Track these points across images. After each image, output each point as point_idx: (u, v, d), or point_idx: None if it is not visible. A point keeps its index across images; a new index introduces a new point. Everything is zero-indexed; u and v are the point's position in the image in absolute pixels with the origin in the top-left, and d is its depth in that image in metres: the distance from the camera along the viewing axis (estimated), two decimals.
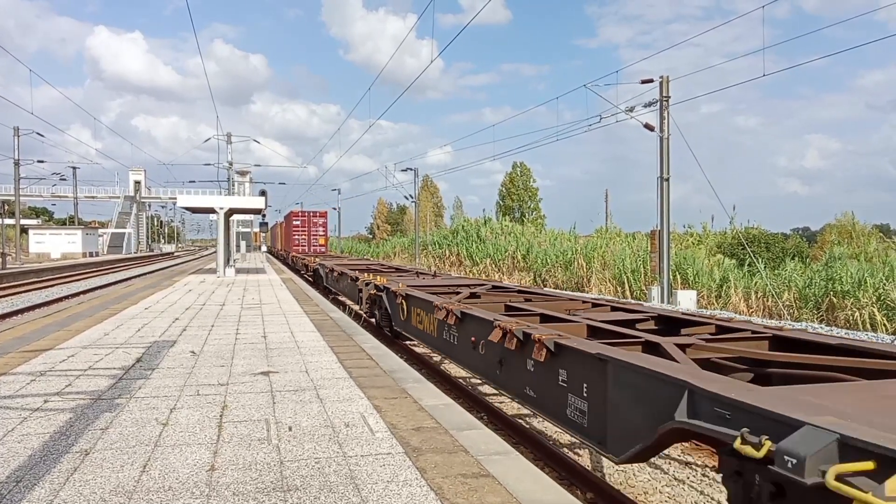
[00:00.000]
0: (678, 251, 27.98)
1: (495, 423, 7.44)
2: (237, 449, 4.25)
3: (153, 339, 9.14)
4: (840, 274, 20.20)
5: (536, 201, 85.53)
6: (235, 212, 28.38)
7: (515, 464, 4.01)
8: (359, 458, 4.08)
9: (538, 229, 52.89)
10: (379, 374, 6.76)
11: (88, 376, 6.53)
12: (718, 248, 32.26)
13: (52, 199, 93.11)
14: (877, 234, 39.74)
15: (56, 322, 11.00)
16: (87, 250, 71.53)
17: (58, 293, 25.05)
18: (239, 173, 47.85)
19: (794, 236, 43.40)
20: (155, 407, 5.32)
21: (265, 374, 6.66)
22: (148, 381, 6.30)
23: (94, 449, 4.24)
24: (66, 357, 7.61)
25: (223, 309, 13.15)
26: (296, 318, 11.60)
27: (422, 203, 67.43)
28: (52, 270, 39.49)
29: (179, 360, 7.51)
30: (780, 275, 23.28)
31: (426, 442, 4.41)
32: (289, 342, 8.86)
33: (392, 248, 68.58)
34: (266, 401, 5.54)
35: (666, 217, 22.26)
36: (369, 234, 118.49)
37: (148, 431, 4.64)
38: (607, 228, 39.22)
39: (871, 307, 18.37)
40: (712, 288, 24.29)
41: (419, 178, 52.35)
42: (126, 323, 10.91)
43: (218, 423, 4.84)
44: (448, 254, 48.37)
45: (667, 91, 21.88)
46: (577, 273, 31.63)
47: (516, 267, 38.84)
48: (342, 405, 5.40)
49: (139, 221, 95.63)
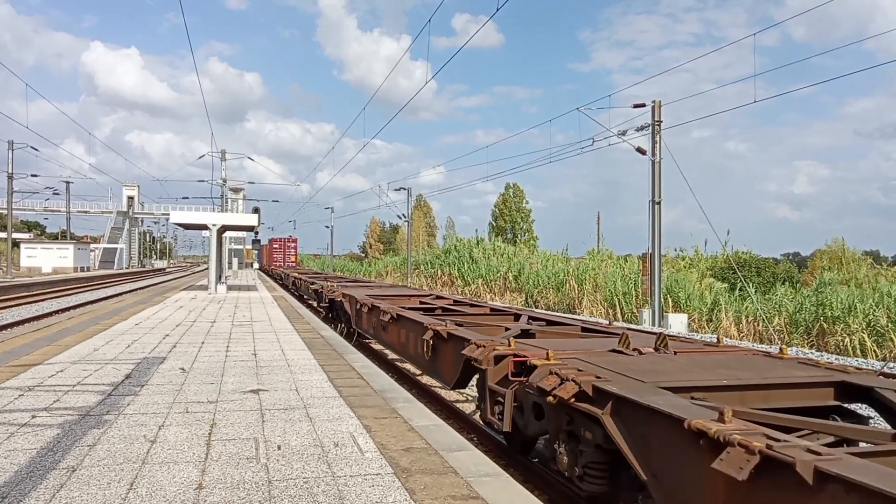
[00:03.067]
0: (670, 274, 28.06)
1: (485, 444, 7.41)
2: (225, 467, 4.23)
3: (143, 355, 9.10)
4: (830, 299, 20.29)
5: (529, 222, 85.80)
6: (228, 229, 28.37)
7: (505, 486, 4.01)
8: (348, 478, 4.07)
9: (531, 250, 52.95)
10: (369, 393, 6.75)
11: (77, 392, 6.49)
12: (710, 272, 32.39)
13: (44, 214, 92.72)
14: (867, 260, 40.03)
15: (46, 337, 10.94)
16: (79, 265, 71.25)
17: (48, 308, 24.89)
18: (233, 190, 47.94)
19: (784, 261, 43.70)
20: (143, 424, 5.30)
21: (255, 392, 6.64)
22: (137, 398, 6.27)
23: (81, 465, 4.21)
24: (55, 372, 7.57)
25: (214, 326, 13.10)
26: (286, 336, 11.57)
27: (415, 222, 67.62)
28: (42, 285, 39.27)
29: (169, 376, 7.48)
30: (771, 299, 23.38)
31: (416, 463, 4.40)
32: (279, 360, 8.84)
33: (384, 266, 68.49)
34: (255, 419, 5.52)
35: (657, 240, 22.37)
36: (362, 252, 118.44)
37: (136, 448, 4.61)
38: (599, 250, 39.30)
39: (861, 333, 18.44)
40: (703, 312, 24.35)
41: (412, 197, 52.55)
42: (116, 339, 10.86)
43: (206, 441, 4.82)
44: (440, 274, 48.36)
45: (659, 116, 22.08)
46: (569, 295, 31.66)
47: (508, 288, 38.85)
48: (332, 424, 5.38)
49: (131, 237, 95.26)
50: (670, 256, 34.42)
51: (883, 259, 43.95)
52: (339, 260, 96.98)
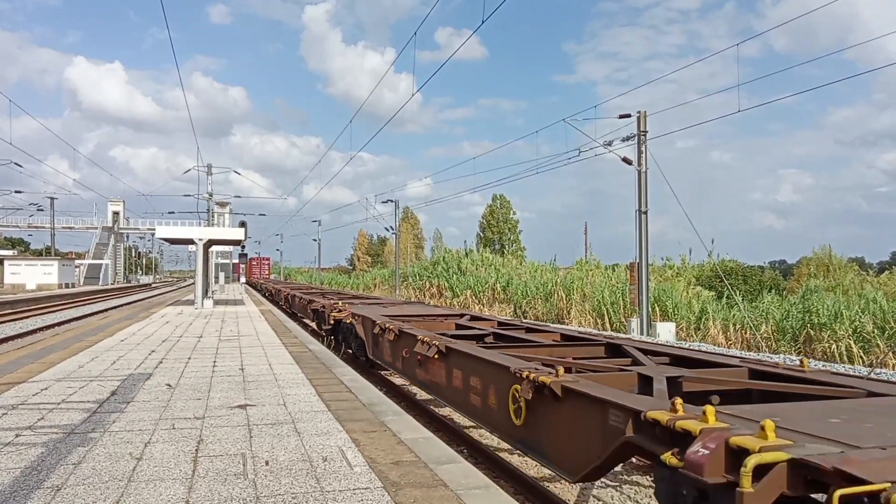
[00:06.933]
0: (657, 283, 28.17)
1: (475, 456, 7.38)
2: (212, 484, 4.19)
3: (129, 371, 9.01)
4: (817, 307, 20.42)
5: (516, 233, 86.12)
6: (214, 243, 28.21)
7: (495, 498, 3.98)
8: (336, 492, 4.03)
9: (519, 261, 53.05)
10: (358, 406, 6.71)
11: (62, 410, 6.41)
12: (697, 281, 32.55)
13: (28, 230, 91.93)
14: (853, 267, 40.39)
15: (30, 354, 10.81)
16: (64, 281, 70.53)
17: (32, 325, 24.64)
18: (219, 204, 47.76)
19: (770, 269, 43.97)
20: (129, 441, 5.23)
21: (242, 408, 6.58)
22: (122, 415, 6.20)
23: (66, 484, 4.15)
24: (39, 390, 7.48)
25: (200, 341, 13.01)
26: (274, 350, 11.50)
27: (402, 235, 67.59)
28: (26, 302, 38.88)
29: (155, 393, 7.41)
30: (758, 307, 23.51)
31: (405, 476, 4.37)
32: (267, 375, 8.77)
33: (372, 279, 68.48)
34: (243, 435, 5.47)
35: (645, 250, 22.47)
36: (350, 265, 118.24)
37: (122, 466, 4.56)
38: (587, 260, 39.42)
39: (847, 340, 18.56)
40: (691, 320, 24.45)
41: (399, 209, 52.54)
42: (101, 355, 10.75)
43: (193, 458, 4.77)
44: (428, 285, 48.35)
45: (644, 126, 22.24)
46: (557, 305, 31.71)
47: (496, 299, 38.87)
48: (320, 439, 5.34)
49: (117, 252, 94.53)
50: (657, 266, 34.59)
51: (868, 266, 44.30)
52: (327, 273, 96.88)
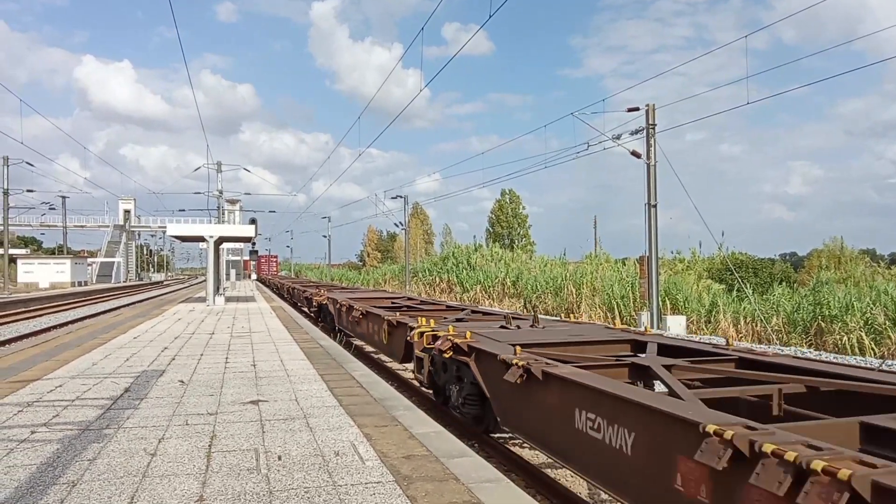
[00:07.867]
0: (667, 277, 28.08)
1: (486, 450, 7.40)
2: (226, 479, 4.23)
3: (142, 368, 9.09)
4: (828, 299, 20.32)
5: (526, 228, 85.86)
6: (225, 240, 28.31)
7: (507, 491, 4.01)
8: (349, 486, 4.07)
9: (528, 256, 52.99)
10: (369, 401, 6.75)
11: (76, 406, 6.48)
12: (707, 274, 32.42)
13: (40, 229, 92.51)
14: (864, 258, 40.12)
15: (44, 352, 10.92)
16: (76, 280, 71.04)
17: (46, 323, 24.84)
18: (229, 202, 47.97)
19: (780, 261, 43.74)
20: (143, 437, 5.29)
21: (254, 403, 6.63)
22: (136, 411, 6.26)
23: (81, 480, 4.21)
24: (53, 387, 7.56)
25: (212, 338, 13.09)
26: (285, 347, 11.56)
27: (412, 230, 67.59)
28: (40, 300, 39.17)
29: (168, 389, 7.47)
30: (769, 300, 23.40)
31: (417, 470, 4.40)
32: (278, 371, 8.83)
33: (382, 275, 68.51)
34: (255, 430, 5.51)
35: (654, 243, 22.39)
36: (360, 261, 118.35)
37: (136, 462, 4.61)
38: (596, 254, 39.34)
39: (858, 331, 18.46)
40: (702, 313, 24.37)
41: (409, 205, 52.56)
42: (114, 353, 10.84)
43: (207, 453, 4.82)
44: (438, 280, 48.37)
45: (653, 119, 22.14)
46: (567, 299, 31.67)
47: (506, 293, 38.85)
48: (332, 434, 5.38)
49: (128, 250, 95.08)
50: (667, 259, 34.47)
51: (879, 257, 44.02)
52: (337, 269, 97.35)
